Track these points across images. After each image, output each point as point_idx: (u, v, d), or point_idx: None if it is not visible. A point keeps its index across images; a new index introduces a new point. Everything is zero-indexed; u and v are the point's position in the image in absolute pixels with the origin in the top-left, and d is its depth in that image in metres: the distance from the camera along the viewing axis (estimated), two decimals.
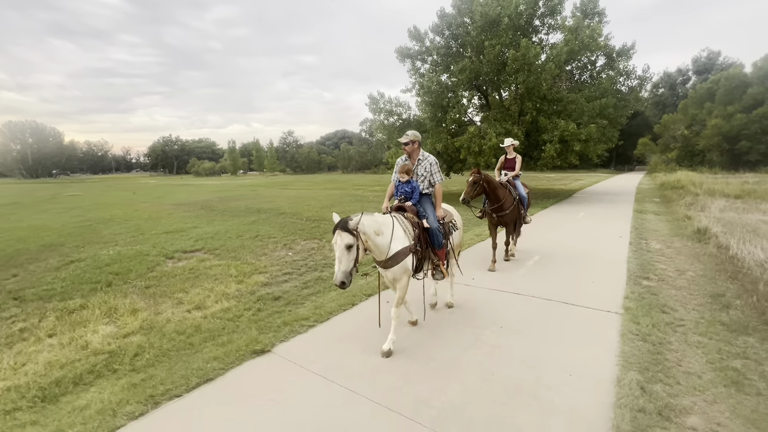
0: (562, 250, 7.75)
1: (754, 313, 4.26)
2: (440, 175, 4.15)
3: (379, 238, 3.38)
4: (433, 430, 2.60)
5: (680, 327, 4.04)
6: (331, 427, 2.67)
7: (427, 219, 3.93)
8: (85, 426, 2.69)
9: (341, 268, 3.04)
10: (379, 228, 3.39)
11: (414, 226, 3.77)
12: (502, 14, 15.63)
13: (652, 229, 9.92)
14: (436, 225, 3.95)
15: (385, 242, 3.42)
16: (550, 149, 15.84)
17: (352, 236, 3.08)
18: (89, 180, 68.94)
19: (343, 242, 3.05)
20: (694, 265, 6.47)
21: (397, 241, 3.49)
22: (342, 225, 3.10)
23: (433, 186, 4.14)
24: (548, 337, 3.91)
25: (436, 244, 3.94)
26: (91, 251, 8.31)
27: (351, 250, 3.08)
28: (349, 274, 3.06)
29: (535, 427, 2.61)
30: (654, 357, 3.42)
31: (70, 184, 49.86)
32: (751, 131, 38.95)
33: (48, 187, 39.31)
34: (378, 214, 3.59)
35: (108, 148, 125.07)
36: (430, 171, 4.10)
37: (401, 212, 3.89)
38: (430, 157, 4.13)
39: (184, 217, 13.99)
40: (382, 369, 3.42)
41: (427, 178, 4.12)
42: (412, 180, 4.06)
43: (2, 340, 4.17)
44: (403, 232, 3.61)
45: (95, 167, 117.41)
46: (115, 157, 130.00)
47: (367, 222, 3.28)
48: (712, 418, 2.62)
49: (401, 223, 3.67)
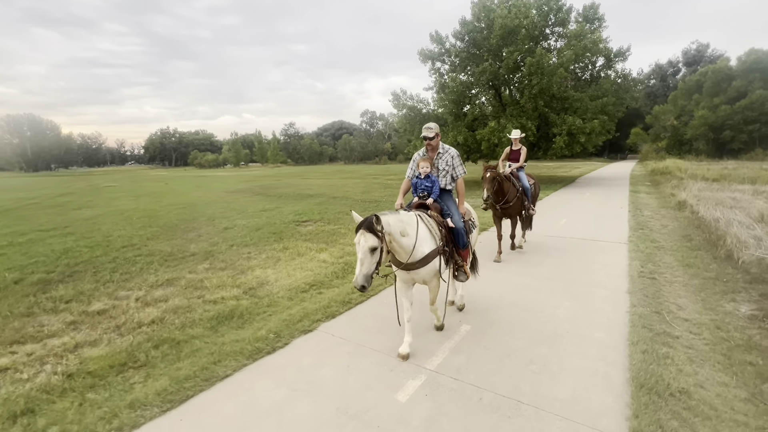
0: (581, 216, 10.68)
1: (705, 243, 7.20)
2: (462, 168, 3.93)
3: (405, 239, 3.16)
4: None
5: (662, 248, 6.97)
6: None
7: (452, 218, 3.72)
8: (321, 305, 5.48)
9: (362, 270, 2.83)
10: (405, 228, 3.18)
11: (440, 225, 3.56)
12: (519, 26, 18.31)
13: (644, 203, 12.89)
14: (461, 225, 3.73)
15: (410, 243, 3.19)
16: (559, 141, 18.73)
17: (377, 238, 2.87)
18: (94, 173, 68.92)
19: (367, 244, 2.84)
20: (674, 222, 9.42)
21: (424, 243, 3.28)
22: (367, 225, 2.87)
23: (455, 180, 3.91)
24: (589, 254, 6.80)
25: (460, 244, 3.72)
26: (228, 222, 11.02)
27: (375, 253, 2.88)
28: (370, 278, 2.85)
29: (590, 281, 5.46)
30: (648, 257, 6.33)
31: (81, 176, 51.53)
32: (734, 122, 42.18)
33: (64, 180, 41.11)
34: (403, 212, 3.40)
35: (102, 140, 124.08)
36: (452, 164, 3.86)
37: (424, 210, 3.70)
38: (451, 149, 3.88)
39: (254, 200, 16.68)
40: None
41: (449, 173, 3.87)
42: (431, 175, 3.82)
43: (263, 263, 6.89)
44: (429, 232, 3.39)
45: (90, 160, 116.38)
46: (109, 150, 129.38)
47: (393, 222, 3.09)
48: (675, 275, 5.51)
49: (426, 222, 3.44)
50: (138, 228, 10.65)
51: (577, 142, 19.27)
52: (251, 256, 7.32)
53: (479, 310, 4.50)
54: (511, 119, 19.74)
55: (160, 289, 5.53)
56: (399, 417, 2.72)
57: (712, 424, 2.51)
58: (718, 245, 6.79)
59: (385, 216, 3.05)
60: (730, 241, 6.64)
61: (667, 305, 4.42)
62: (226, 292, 5.26)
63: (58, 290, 5.56)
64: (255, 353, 3.58)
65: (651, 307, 4.35)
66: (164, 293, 5.32)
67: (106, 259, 7.28)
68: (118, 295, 5.28)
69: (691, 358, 3.29)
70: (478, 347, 3.64)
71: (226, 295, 5.14)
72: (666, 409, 2.63)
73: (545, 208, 12.02)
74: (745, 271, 5.43)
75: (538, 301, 4.73)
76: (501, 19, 18.77)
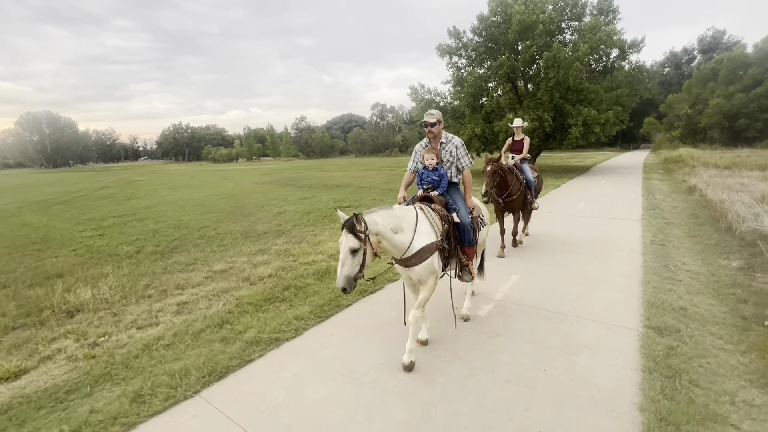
0: (598, 200, 11.75)
1: (710, 219, 8.28)
2: (468, 158, 3.72)
3: (399, 236, 3.02)
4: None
5: (671, 224, 8.07)
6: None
7: (458, 212, 3.51)
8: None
9: (344, 272, 2.74)
10: (398, 225, 3.03)
11: (443, 220, 3.35)
12: (537, 21, 19.15)
13: (657, 188, 13.87)
14: (468, 220, 3.52)
15: (406, 240, 3.05)
16: (575, 131, 19.66)
17: (359, 240, 2.74)
18: (112, 168, 70.71)
19: (347, 245, 2.73)
20: (683, 204, 10.46)
21: (421, 237, 3.11)
22: (348, 226, 2.74)
23: (461, 172, 3.72)
24: (607, 228, 7.93)
25: (466, 242, 3.51)
26: (277, 209, 12.34)
27: (356, 255, 2.75)
28: (353, 280, 2.75)
29: (610, 246, 6.61)
30: (658, 230, 7.45)
31: (102, 172, 53.49)
32: (749, 110, 42.15)
33: (89, 176, 43.02)
34: (398, 206, 3.23)
35: (116, 136, 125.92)
36: (457, 155, 3.66)
37: (427, 203, 3.48)
38: (455, 138, 3.68)
39: (288, 191, 18.03)
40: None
41: (454, 164, 3.69)
42: (440, 167, 3.60)
43: (330, 238, 8.17)
44: (430, 227, 3.20)
45: (104, 156, 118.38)
46: (122, 146, 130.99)
47: (382, 220, 2.94)
48: (682, 242, 6.63)
49: (428, 216, 3.26)
50: (199, 214, 12.05)
51: (591, 132, 20.15)
52: (316, 233, 8.61)
53: (524, 264, 5.73)
54: (528, 111, 20.67)
55: (257, 256, 6.85)
56: (484, 322, 3.98)
57: (699, 324, 3.71)
58: (720, 220, 7.87)
59: (372, 214, 2.94)
60: (731, 216, 7.72)
61: (673, 261, 5.57)
62: (314, 257, 6.55)
63: (175, 257, 6.93)
64: (362, 293, 4.85)
65: (660, 263, 5.52)
66: (264, 259, 6.63)
67: (194, 237, 8.64)
68: (227, 260, 6.61)
69: (689, 291, 4.47)
70: (527, 287, 4.87)
71: (316, 258, 6.44)
72: (669, 316, 3.84)
73: (564, 194, 13.14)
74: (741, 239, 6.53)
75: (570, 260, 5.93)
76: (519, 15, 19.61)
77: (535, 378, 3.01)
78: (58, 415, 2.76)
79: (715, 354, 3.19)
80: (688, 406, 2.56)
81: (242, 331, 3.92)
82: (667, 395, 2.68)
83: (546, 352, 3.36)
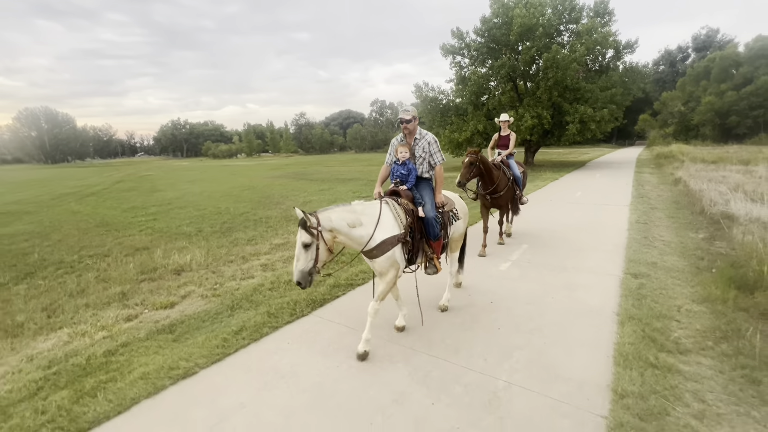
0: (593, 190, 13.08)
1: (688, 204, 9.61)
2: (441, 154, 3.78)
3: (357, 230, 3.12)
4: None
5: (655, 208, 9.40)
6: None
7: (424, 207, 3.58)
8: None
9: (298, 267, 2.85)
10: (356, 219, 3.13)
11: (407, 213, 3.45)
12: (537, 24, 20.38)
13: (646, 180, 15.22)
14: (432, 214, 3.59)
15: (366, 233, 3.16)
16: (572, 128, 20.97)
17: (311, 235, 2.84)
18: (113, 164, 71.37)
19: (300, 240, 2.85)
20: (668, 193, 11.80)
21: (383, 230, 3.22)
22: (301, 222, 2.84)
23: (433, 168, 3.79)
24: (600, 212, 9.24)
25: (431, 235, 3.59)
26: (302, 199, 13.57)
27: (308, 250, 2.86)
28: (307, 274, 2.86)
29: (602, 224, 7.90)
30: (643, 213, 8.77)
31: (105, 167, 54.28)
32: (740, 107, 43.65)
33: (95, 171, 44.01)
34: (358, 202, 3.34)
35: (113, 132, 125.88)
36: (429, 151, 3.73)
37: (396, 197, 3.59)
38: (429, 135, 3.75)
39: (303, 184, 19.24)
40: None
41: (426, 160, 3.76)
42: (408, 162, 3.70)
43: None
44: (393, 220, 3.32)
45: (101, 152, 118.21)
46: (119, 141, 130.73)
47: (337, 216, 3.05)
48: (661, 222, 7.94)
49: (392, 209, 3.38)
50: (231, 203, 13.26)
51: (588, 129, 21.49)
52: None
53: (531, 238, 7.03)
54: (528, 109, 21.95)
55: None
56: (505, 273, 5.28)
57: (664, 272, 5.01)
58: (696, 205, 9.20)
59: (327, 211, 3.06)
60: (705, 201, 9.05)
61: (652, 234, 6.89)
62: None
63: (235, 235, 8.17)
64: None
65: (642, 235, 6.83)
66: None
67: (240, 221, 9.87)
68: (282, 236, 7.86)
69: (661, 253, 5.78)
70: (536, 253, 6.17)
71: None
72: (642, 267, 5.15)
73: (563, 185, 14.48)
74: (710, 218, 7.85)
75: (569, 234, 7.24)
76: (520, 18, 20.82)
77: (546, 301, 4.32)
78: (219, 324, 4.01)
79: (672, 288, 4.49)
80: (648, 311, 3.87)
81: (322, 280, 5.18)
82: (635, 306, 3.99)
83: (552, 289, 4.66)
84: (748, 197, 9.16)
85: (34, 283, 5.57)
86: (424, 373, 3.08)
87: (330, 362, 3.26)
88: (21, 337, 3.93)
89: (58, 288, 5.32)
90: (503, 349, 3.37)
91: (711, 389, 2.71)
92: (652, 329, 3.51)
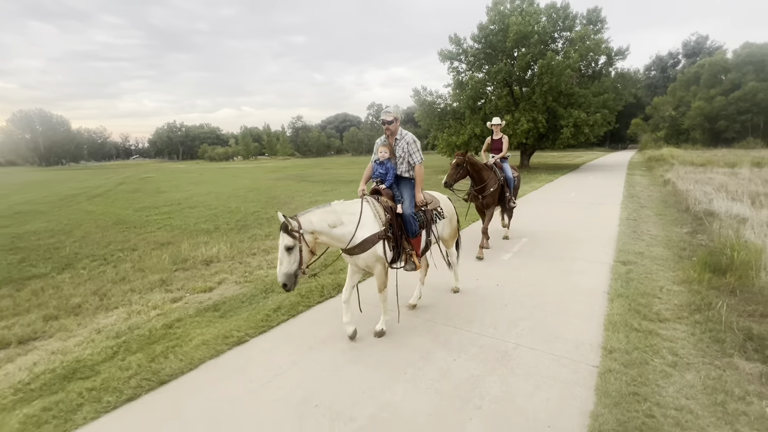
0: (587, 190, 13.74)
1: (675, 203, 10.26)
2: (420, 154, 3.89)
3: (338, 229, 3.25)
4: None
5: (644, 206, 10.04)
6: None
7: (402, 204, 3.72)
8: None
9: (282, 269, 2.98)
10: (336, 219, 3.25)
11: (386, 210, 3.58)
12: (532, 32, 21.15)
13: (637, 182, 15.93)
14: (410, 211, 3.70)
15: (348, 231, 3.29)
16: (566, 132, 21.72)
17: (293, 238, 2.97)
18: (108, 167, 70.58)
19: (282, 243, 2.97)
20: (657, 193, 12.48)
21: (365, 228, 3.35)
22: (282, 226, 2.97)
23: (413, 167, 3.88)
24: (593, 210, 9.85)
25: (409, 232, 3.70)
26: (309, 198, 14.07)
27: (291, 252, 2.98)
28: (292, 276, 2.99)
29: (595, 222, 8.51)
30: (633, 210, 9.40)
31: (101, 170, 54.40)
32: (728, 112, 44.89)
33: (93, 173, 44.27)
34: (338, 202, 3.47)
35: (107, 135, 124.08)
36: (408, 151, 3.84)
37: (377, 195, 3.74)
38: (408, 135, 3.87)
39: (306, 185, 19.75)
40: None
41: (406, 159, 3.86)
42: (386, 161, 3.83)
43: None
44: (373, 218, 3.45)
45: (95, 154, 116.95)
46: (114, 144, 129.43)
47: (317, 218, 3.17)
48: (650, 218, 8.57)
49: (373, 207, 3.52)
50: (240, 203, 13.73)
51: (581, 133, 22.25)
52: None
53: (530, 233, 7.61)
54: (523, 113, 22.67)
55: None
56: (510, 262, 5.86)
57: (650, 260, 5.60)
58: (682, 203, 9.85)
59: (308, 214, 3.18)
60: (690, 200, 9.70)
61: (641, 229, 7.50)
62: None
63: (252, 231, 8.67)
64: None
65: (631, 229, 7.44)
66: None
67: (252, 219, 10.36)
68: None
69: (648, 245, 6.38)
70: (535, 246, 6.75)
71: None
72: (631, 256, 5.75)
73: (558, 186, 15.13)
74: (694, 215, 8.49)
75: (565, 230, 7.83)
76: (516, 26, 21.57)
77: (546, 284, 4.89)
78: (257, 305, 4.53)
79: (656, 272, 5.08)
80: (634, 291, 4.45)
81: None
82: (622, 286, 4.58)
83: (552, 274, 5.24)
84: (730, 196, 9.83)
85: (76, 272, 6.03)
86: (444, 339, 3.62)
87: (361, 331, 3.79)
88: (82, 315, 4.41)
89: (99, 276, 5.80)
90: (510, 321, 3.93)
91: (683, 347, 3.28)
92: (637, 304, 4.09)
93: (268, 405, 2.77)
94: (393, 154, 3.90)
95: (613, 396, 2.66)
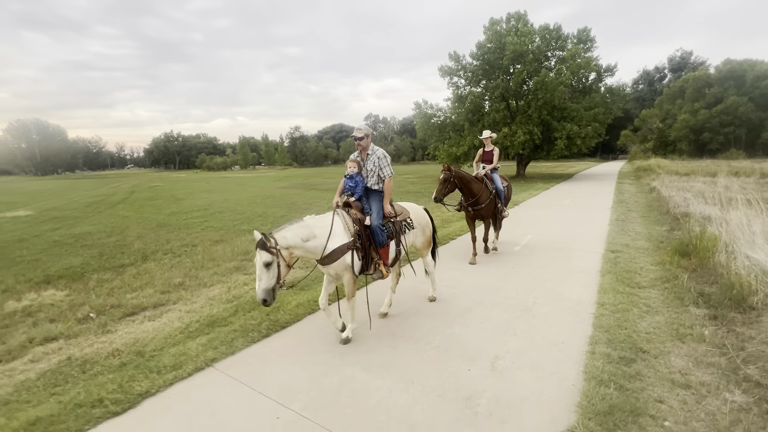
0: (580, 196, 15.15)
1: (659, 207, 11.65)
2: (390, 168, 4.06)
3: (311, 242, 3.44)
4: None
5: (631, 210, 11.42)
6: None
7: (370, 216, 3.90)
8: (449, 231, 9.83)
9: (261, 286, 3.10)
10: (309, 233, 3.44)
11: (355, 222, 3.76)
12: (528, 51, 22.87)
13: (626, 190, 17.41)
14: (377, 223, 3.87)
15: (320, 243, 3.50)
16: (560, 144, 23.33)
17: (271, 254, 3.11)
18: (106, 176, 72.13)
19: (261, 260, 3.09)
20: (644, 199, 13.92)
21: (335, 239, 3.55)
22: (260, 244, 3.12)
23: (383, 181, 4.04)
24: (586, 212, 11.18)
25: (377, 242, 3.86)
26: (326, 205, 15.25)
27: (270, 268, 3.12)
28: (271, 291, 3.14)
29: (587, 221, 9.83)
30: (621, 213, 10.77)
31: (102, 179, 55.07)
32: (712, 124, 47.17)
33: (96, 183, 45.06)
34: (310, 217, 3.66)
35: (102, 144, 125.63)
36: (379, 165, 4.00)
37: (348, 208, 3.94)
38: (379, 150, 4.03)
39: (315, 193, 21.00)
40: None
41: (376, 173, 4.02)
42: (355, 175, 4.02)
43: None
44: (343, 229, 3.65)
45: (91, 164, 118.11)
46: (109, 154, 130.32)
47: (291, 234, 3.35)
48: (636, 220, 9.92)
49: (343, 219, 3.71)
50: (264, 208, 14.92)
51: (574, 145, 23.89)
52: None
53: (534, 231, 8.91)
54: (520, 126, 24.27)
55: None
56: (519, 253, 7.13)
57: (634, 249, 6.90)
58: (664, 207, 11.25)
59: (282, 231, 3.35)
60: (671, 204, 11.10)
61: (628, 228, 8.84)
62: None
63: None
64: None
65: (620, 228, 8.78)
66: None
67: (285, 221, 11.23)
68: None
69: (633, 239, 7.71)
70: (539, 240, 8.05)
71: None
72: (618, 246, 7.06)
73: (553, 194, 16.55)
74: (673, 217, 9.85)
75: (563, 228, 9.15)
76: (512, 45, 23.29)
77: (553, 265, 6.17)
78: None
79: (638, 258, 6.38)
80: (620, 269, 5.75)
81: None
82: (611, 267, 5.89)
83: (556, 259, 6.53)
84: (705, 201, 11.25)
85: (158, 262, 7.17)
86: (479, 300, 4.87)
87: (408, 305, 5.00)
88: (190, 290, 5.57)
89: (180, 265, 6.95)
90: (527, 289, 5.19)
91: (654, 302, 4.55)
92: (622, 277, 5.37)
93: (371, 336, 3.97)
94: (361, 168, 4.12)
95: (604, 327, 3.92)
